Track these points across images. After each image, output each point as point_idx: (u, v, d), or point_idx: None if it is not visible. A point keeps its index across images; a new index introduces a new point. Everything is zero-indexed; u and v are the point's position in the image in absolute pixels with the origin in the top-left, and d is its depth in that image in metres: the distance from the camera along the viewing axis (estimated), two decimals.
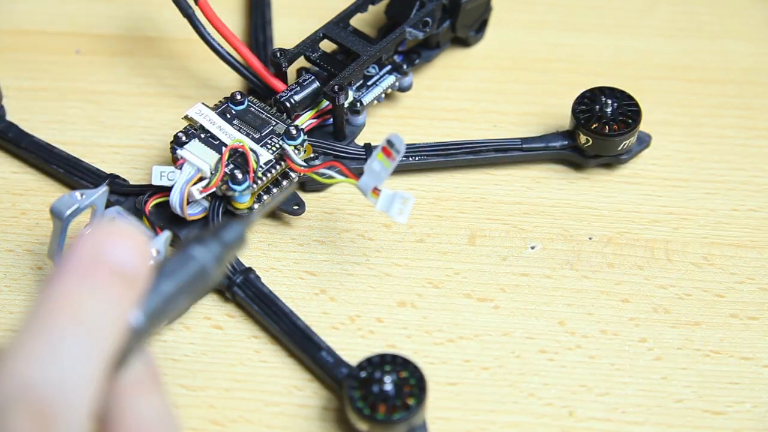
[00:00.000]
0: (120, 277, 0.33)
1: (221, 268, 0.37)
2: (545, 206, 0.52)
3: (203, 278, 0.36)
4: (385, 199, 0.45)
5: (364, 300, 0.48)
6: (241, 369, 0.46)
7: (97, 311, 0.32)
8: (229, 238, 0.37)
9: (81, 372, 0.31)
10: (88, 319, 0.32)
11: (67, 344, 0.31)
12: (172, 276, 0.35)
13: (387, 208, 0.45)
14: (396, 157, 0.45)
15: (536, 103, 0.56)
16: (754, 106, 0.56)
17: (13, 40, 0.59)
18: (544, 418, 0.45)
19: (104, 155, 0.53)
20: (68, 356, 0.31)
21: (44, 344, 0.31)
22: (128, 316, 0.33)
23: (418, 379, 0.42)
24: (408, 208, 0.45)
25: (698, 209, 0.52)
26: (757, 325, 0.47)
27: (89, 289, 0.32)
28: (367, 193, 0.46)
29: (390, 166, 0.45)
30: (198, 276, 0.36)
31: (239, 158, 0.48)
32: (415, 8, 0.54)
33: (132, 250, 0.33)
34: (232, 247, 0.37)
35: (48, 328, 0.31)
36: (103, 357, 0.32)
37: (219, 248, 0.37)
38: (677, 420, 0.44)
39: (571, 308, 0.48)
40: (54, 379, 0.31)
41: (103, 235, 0.33)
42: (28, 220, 0.51)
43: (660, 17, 0.61)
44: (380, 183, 0.45)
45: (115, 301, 0.32)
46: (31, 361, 0.31)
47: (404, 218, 0.45)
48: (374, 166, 0.45)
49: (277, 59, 0.51)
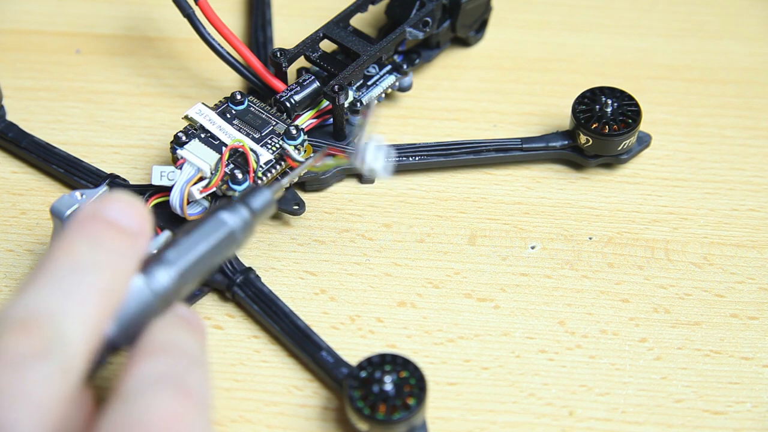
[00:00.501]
0: (116, 229, 0.35)
1: (249, 233, 0.40)
2: (545, 206, 0.52)
3: (231, 242, 0.39)
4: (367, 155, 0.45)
5: (364, 300, 0.48)
6: (241, 369, 0.46)
7: (94, 255, 0.34)
8: (257, 204, 0.40)
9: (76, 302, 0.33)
10: (85, 260, 0.34)
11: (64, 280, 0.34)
12: (201, 238, 0.38)
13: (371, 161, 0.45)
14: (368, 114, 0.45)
15: (536, 103, 0.56)
16: (754, 106, 0.56)
17: (13, 40, 0.59)
18: (544, 418, 0.45)
19: (104, 155, 0.53)
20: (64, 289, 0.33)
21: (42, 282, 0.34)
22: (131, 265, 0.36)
23: (418, 379, 0.42)
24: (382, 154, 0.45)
25: (698, 209, 0.52)
26: (757, 325, 0.47)
27: (86, 238, 0.35)
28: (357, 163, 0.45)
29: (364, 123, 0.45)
30: (226, 240, 0.39)
31: (239, 158, 0.48)
32: (415, 8, 0.54)
33: (127, 209, 0.36)
34: (260, 213, 0.40)
35: (47, 270, 0.34)
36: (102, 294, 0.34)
37: (247, 214, 0.39)
38: (677, 420, 0.44)
39: (571, 308, 0.48)
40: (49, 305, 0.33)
41: (101, 199, 0.36)
42: (28, 220, 0.51)
43: (660, 17, 0.61)
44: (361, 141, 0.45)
45: (113, 248, 0.35)
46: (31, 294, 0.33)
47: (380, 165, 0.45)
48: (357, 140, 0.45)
49: (277, 59, 0.51)
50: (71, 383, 0.33)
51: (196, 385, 0.34)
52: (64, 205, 0.44)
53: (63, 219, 0.44)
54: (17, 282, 0.48)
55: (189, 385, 0.34)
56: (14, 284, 0.48)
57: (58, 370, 0.32)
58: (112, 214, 0.36)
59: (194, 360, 0.36)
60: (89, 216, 0.36)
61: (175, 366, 0.35)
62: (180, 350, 0.35)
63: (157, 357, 0.35)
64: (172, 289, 0.37)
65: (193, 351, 0.36)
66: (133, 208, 0.36)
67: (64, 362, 0.32)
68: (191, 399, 0.34)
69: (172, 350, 0.35)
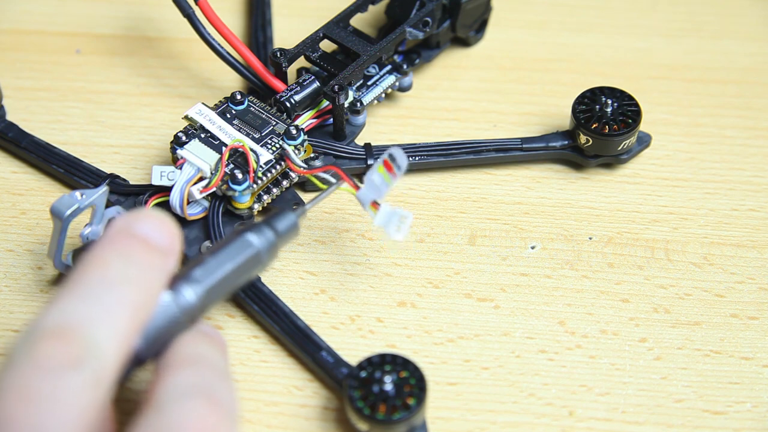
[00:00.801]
0: (148, 246, 0.36)
1: (273, 255, 0.41)
2: (545, 206, 0.52)
3: (256, 263, 0.40)
4: (384, 215, 0.45)
5: (364, 300, 0.48)
6: (241, 369, 0.46)
7: (125, 270, 0.35)
8: (282, 227, 0.41)
9: (108, 314, 0.34)
10: (117, 275, 0.35)
11: (96, 293, 0.34)
12: (228, 258, 0.39)
13: (385, 223, 0.45)
14: (397, 173, 0.44)
15: (536, 103, 0.56)
16: (754, 106, 0.56)
17: (13, 40, 0.59)
18: (544, 418, 0.45)
19: (104, 155, 0.53)
20: (96, 301, 0.34)
21: (75, 294, 0.34)
22: (160, 282, 0.37)
23: (418, 379, 0.42)
24: (406, 226, 0.45)
25: (698, 209, 0.52)
26: (757, 325, 0.47)
27: (118, 253, 0.36)
28: (365, 206, 0.46)
29: (390, 181, 0.45)
30: (252, 261, 0.40)
31: (239, 158, 0.48)
32: (415, 8, 0.54)
33: (159, 226, 0.37)
34: (285, 236, 0.41)
35: (79, 283, 0.35)
36: (133, 308, 0.35)
37: (273, 236, 0.41)
38: (677, 420, 0.44)
39: (571, 308, 0.48)
40: (82, 316, 0.34)
41: (133, 215, 0.37)
42: (28, 220, 0.51)
43: (660, 17, 0.61)
44: (380, 197, 0.45)
45: (144, 265, 0.36)
46: (65, 304, 0.34)
47: (401, 236, 0.45)
48: (374, 178, 0.45)
49: (277, 59, 0.51)
50: (103, 393, 0.33)
51: (226, 396, 0.35)
52: (64, 205, 0.44)
53: (63, 219, 0.44)
54: (17, 282, 0.48)
55: (219, 396, 0.35)
56: (14, 284, 0.48)
57: (90, 379, 0.33)
58: (145, 231, 0.37)
59: (221, 373, 0.37)
60: (122, 231, 0.37)
61: (204, 377, 0.36)
62: (208, 363, 0.36)
63: (187, 369, 0.36)
64: (197, 306, 0.38)
65: (220, 364, 0.37)
66: (165, 225, 0.37)
67: (96, 372, 0.33)
68: (222, 409, 0.34)
69: (200, 363, 0.36)
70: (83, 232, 0.46)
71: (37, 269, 0.49)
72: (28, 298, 0.48)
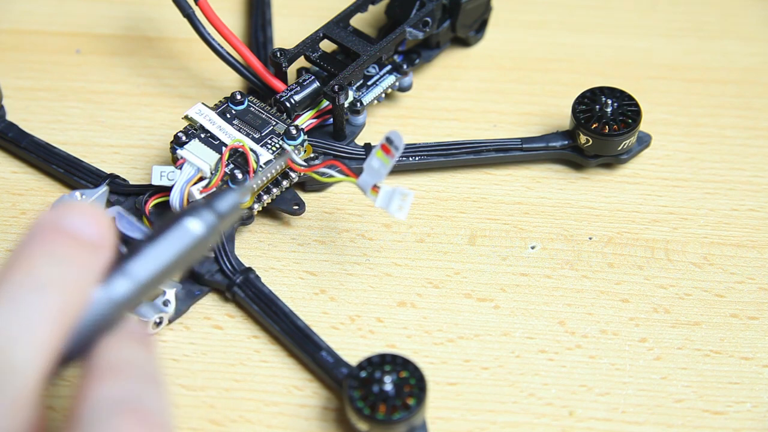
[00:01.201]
0: (76, 241, 0.33)
1: (215, 237, 0.37)
2: (545, 206, 0.52)
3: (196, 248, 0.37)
4: (384, 196, 0.45)
5: (364, 300, 0.48)
6: (241, 369, 0.46)
7: (52, 271, 0.32)
8: (222, 208, 0.37)
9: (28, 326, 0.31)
10: (41, 276, 0.32)
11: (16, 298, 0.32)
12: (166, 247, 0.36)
13: (386, 204, 0.45)
14: (395, 153, 0.44)
15: (536, 103, 0.56)
16: (754, 106, 0.56)
17: (13, 40, 0.59)
18: (544, 418, 0.45)
19: (104, 155, 0.53)
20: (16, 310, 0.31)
21: None
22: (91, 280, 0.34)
23: (418, 379, 0.42)
24: (407, 203, 0.45)
25: (698, 209, 0.52)
26: (757, 325, 0.47)
27: (43, 251, 0.33)
28: (366, 191, 0.46)
29: (389, 162, 0.45)
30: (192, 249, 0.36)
31: (239, 158, 0.48)
32: (415, 8, 0.54)
33: (90, 220, 0.34)
34: (227, 216, 0.38)
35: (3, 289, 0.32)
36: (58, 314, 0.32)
37: (213, 218, 0.37)
38: (677, 420, 0.44)
39: (571, 308, 0.48)
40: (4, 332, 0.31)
41: (62, 208, 0.34)
42: (28, 220, 0.51)
43: (660, 17, 0.61)
44: (380, 180, 0.45)
45: (72, 263, 0.33)
46: None
47: (404, 214, 0.45)
48: (373, 163, 0.45)
49: (277, 59, 0.51)
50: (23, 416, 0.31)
51: (155, 405, 0.33)
52: None
53: None
54: None
55: (147, 408, 0.32)
56: None
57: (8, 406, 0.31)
58: (73, 225, 0.34)
59: (149, 378, 0.34)
60: (49, 226, 0.34)
61: (131, 389, 0.33)
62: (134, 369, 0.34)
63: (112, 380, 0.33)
64: (131, 301, 0.35)
65: (147, 368, 0.34)
66: (95, 217, 0.34)
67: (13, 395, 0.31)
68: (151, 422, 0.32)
69: (126, 370, 0.33)
70: None
71: None
72: None
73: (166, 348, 0.46)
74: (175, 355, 0.46)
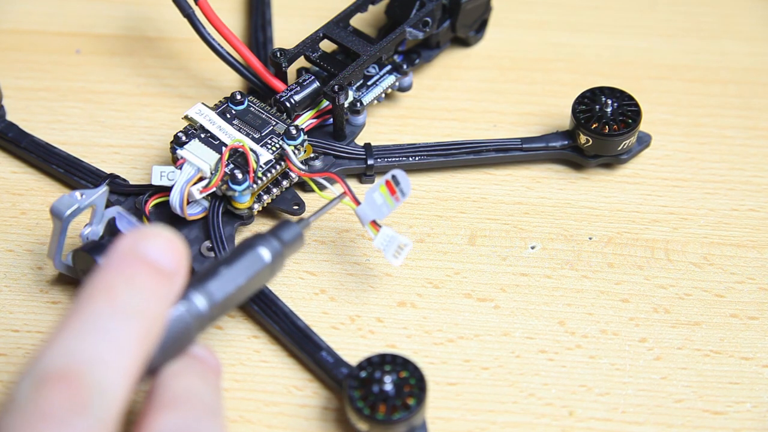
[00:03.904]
0: (155, 270, 0.35)
1: (280, 266, 0.41)
2: (545, 206, 0.52)
3: (264, 277, 0.40)
4: (384, 238, 0.46)
5: (364, 300, 0.48)
6: (241, 369, 0.46)
7: (132, 299, 0.34)
8: (288, 238, 0.41)
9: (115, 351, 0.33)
10: (124, 305, 0.34)
11: (102, 326, 0.33)
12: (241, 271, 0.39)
13: (384, 247, 0.46)
14: (400, 198, 0.45)
15: (536, 103, 0.56)
16: (754, 106, 0.56)
17: (13, 40, 0.59)
18: (544, 418, 0.45)
19: (104, 155, 0.53)
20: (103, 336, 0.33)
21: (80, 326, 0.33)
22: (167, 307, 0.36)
23: (418, 379, 0.42)
24: (404, 253, 0.46)
25: (698, 209, 0.52)
26: (757, 325, 0.47)
27: (124, 279, 0.35)
28: (365, 224, 0.46)
29: (393, 204, 0.45)
30: (261, 275, 0.40)
31: (239, 158, 0.48)
32: (415, 8, 0.54)
33: (166, 247, 0.36)
34: (291, 248, 0.42)
35: (84, 313, 0.34)
36: (140, 340, 0.34)
37: (281, 249, 0.41)
38: (677, 420, 0.44)
39: (571, 308, 0.48)
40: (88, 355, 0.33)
41: (139, 235, 0.36)
42: (28, 220, 0.51)
43: (660, 17, 0.61)
44: (380, 218, 0.46)
45: (151, 291, 0.35)
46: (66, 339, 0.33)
47: (399, 262, 0.46)
48: (376, 197, 0.45)
49: (277, 59, 0.51)
50: None
51: None
52: (64, 205, 0.44)
53: (63, 219, 0.44)
54: (17, 282, 0.48)
55: None
56: (14, 284, 0.48)
57: (96, 424, 0.32)
58: (152, 253, 0.35)
59: (208, 409, 0.36)
60: (128, 254, 0.35)
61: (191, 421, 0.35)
62: (194, 400, 0.36)
63: (173, 411, 0.35)
64: (204, 321, 0.38)
65: (207, 399, 0.36)
66: (172, 245, 0.36)
67: (102, 415, 0.32)
68: None
69: (186, 402, 0.35)
70: (83, 232, 0.46)
71: (37, 269, 0.49)
72: (28, 298, 0.48)
73: None
74: None
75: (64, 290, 0.48)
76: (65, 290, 0.48)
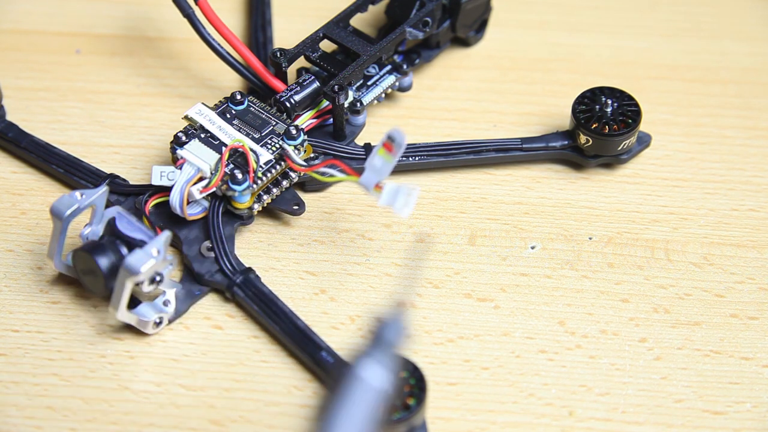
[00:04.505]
0: None
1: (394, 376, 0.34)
2: (545, 206, 0.52)
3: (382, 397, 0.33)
4: (389, 193, 0.45)
5: (364, 300, 0.48)
6: (241, 369, 0.46)
7: None
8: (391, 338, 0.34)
9: None
10: None
11: None
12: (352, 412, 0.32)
13: (391, 201, 0.45)
14: (397, 151, 0.44)
15: (536, 103, 0.56)
16: (754, 106, 0.56)
17: (13, 40, 0.59)
18: (544, 418, 0.45)
19: (104, 155, 0.53)
20: None
21: None
22: None
23: (418, 379, 0.42)
24: (412, 200, 0.45)
25: (698, 209, 0.52)
26: (757, 325, 0.47)
27: None
28: (369, 189, 0.46)
29: (391, 160, 0.45)
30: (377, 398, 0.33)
31: (239, 158, 0.48)
32: (415, 8, 0.54)
33: None
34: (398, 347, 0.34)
35: None
36: None
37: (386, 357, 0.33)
38: (677, 420, 0.44)
39: (571, 308, 0.48)
40: None
41: None
42: (28, 220, 0.51)
43: (660, 17, 0.61)
44: (382, 178, 0.45)
45: None
46: None
47: (408, 211, 0.45)
48: (375, 162, 0.45)
49: (277, 59, 0.51)
50: None
51: None
52: (64, 205, 0.44)
53: (63, 219, 0.44)
54: (17, 282, 0.48)
55: None
56: (14, 284, 0.48)
57: None
58: None
59: None
60: None
61: None
62: None
63: None
64: None
65: None
66: None
67: None
68: None
69: None
70: (83, 232, 0.46)
71: (37, 269, 0.49)
72: (28, 298, 0.48)
73: (166, 348, 0.46)
74: (175, 355, 0.46)
75: (64, 290, 0.48)
76: (65, 290, 0.48)
